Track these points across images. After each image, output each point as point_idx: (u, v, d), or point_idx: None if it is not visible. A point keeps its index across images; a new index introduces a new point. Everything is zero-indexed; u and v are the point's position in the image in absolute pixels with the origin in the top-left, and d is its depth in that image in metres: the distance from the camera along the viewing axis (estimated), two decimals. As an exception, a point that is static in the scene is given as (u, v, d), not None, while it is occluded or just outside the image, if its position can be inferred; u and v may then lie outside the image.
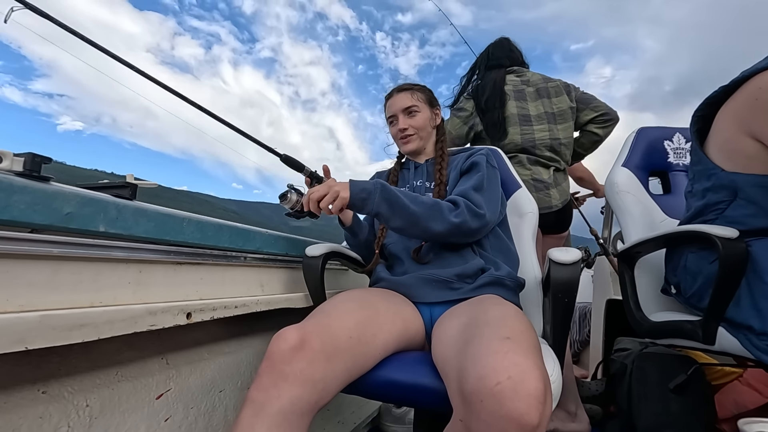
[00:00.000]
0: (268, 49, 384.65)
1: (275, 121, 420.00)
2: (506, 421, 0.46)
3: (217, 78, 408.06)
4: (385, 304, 0.80)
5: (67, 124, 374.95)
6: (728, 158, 0.78)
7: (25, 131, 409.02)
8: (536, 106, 1.49)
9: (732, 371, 1.09)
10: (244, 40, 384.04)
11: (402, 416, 1.34)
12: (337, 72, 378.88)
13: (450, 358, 0.61)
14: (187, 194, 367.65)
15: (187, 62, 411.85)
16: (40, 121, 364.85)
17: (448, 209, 0.85)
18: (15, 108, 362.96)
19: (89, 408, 0.57)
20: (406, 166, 1.13)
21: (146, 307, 0.56)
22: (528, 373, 0.48)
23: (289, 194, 0.95)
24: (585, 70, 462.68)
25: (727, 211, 0.79)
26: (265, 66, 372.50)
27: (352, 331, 0.67)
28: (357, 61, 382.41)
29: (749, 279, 0.72)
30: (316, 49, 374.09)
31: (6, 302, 0.45)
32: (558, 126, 1.47)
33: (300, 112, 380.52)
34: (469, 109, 1.52)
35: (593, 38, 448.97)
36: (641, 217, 1.17)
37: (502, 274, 0.87)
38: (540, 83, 1.52)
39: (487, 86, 1.50)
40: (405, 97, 1.07)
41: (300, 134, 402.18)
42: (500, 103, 1.46)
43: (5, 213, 0.44)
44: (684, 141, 1.27)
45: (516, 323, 0.61)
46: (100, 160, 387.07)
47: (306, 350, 0.60)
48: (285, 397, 0.56)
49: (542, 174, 1.42)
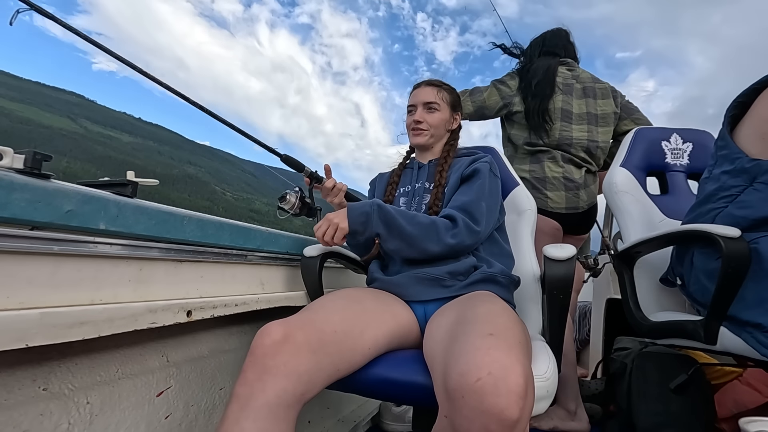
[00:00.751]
0: (306, 14, 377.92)
1: (303, 89, 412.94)
2: (487, 416, 0.46)
3: (252, 38, 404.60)
4: (374, 301, 0.80)
5: (101, 64, 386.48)
6: (763, 140, 0.77)
7: (62, 66, 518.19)
8: (580, 105, 1.47)
9: (732, 371, 1.09)
10: (284, 2, 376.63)
11: (402, 414, 1.35)
12: (372, 48, 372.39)
13: (437, 355, 0.61)
14: (209, 149, 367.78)
15: (225, 17, 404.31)
16: (77, 57, 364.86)
17: (444, 228, 0.85)
18: (54, 41, 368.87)
19: (90, 405, 0.57)
20: (410, 166, 1.13)
21: (146, 305, 0.57)
22: (509, 369, 0.49)
23: (288, 195, 0.96)
24: (627, 81, 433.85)
25: (742, 196, 0.79)
26: (301, 32, 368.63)
27: (338, 325, 0.67)
28: (394, 39, 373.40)
29: (756, 276, 0.72)
30: (354, 21, 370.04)
31: (6, 300, 0.45)
32: (599, 128, 1.46)
33: (329, 84, 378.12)
34: (512, 87, 1.49)
35: (641, 48, 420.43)
36: (640, 217, 1.17)
37: (494, 271, 0.87)
38: (588, 82, 1.50)
39: (539, 70, 1.46)
40: (430, 92, 1.07)
41: (326, 106, 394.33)
42: (550, 92, 1.43)
43: (6, 210, 0.44)
44: (681, 141, 1.27)
45: (502, 320, 0.62)
46: (130, 104, 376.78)
47: (289, 343, 0.60)
48: (270, 391, 0.56)
49: (574, 174, 1.41)
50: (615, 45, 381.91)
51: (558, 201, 1.39)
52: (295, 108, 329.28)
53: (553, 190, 1.39)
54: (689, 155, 1.26)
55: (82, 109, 21.68)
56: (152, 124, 20.51)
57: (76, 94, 22.17)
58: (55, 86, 21.33)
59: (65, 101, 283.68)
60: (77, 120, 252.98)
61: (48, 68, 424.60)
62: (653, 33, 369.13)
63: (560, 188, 1.39)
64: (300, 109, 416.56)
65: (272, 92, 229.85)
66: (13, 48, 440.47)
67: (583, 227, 1.49)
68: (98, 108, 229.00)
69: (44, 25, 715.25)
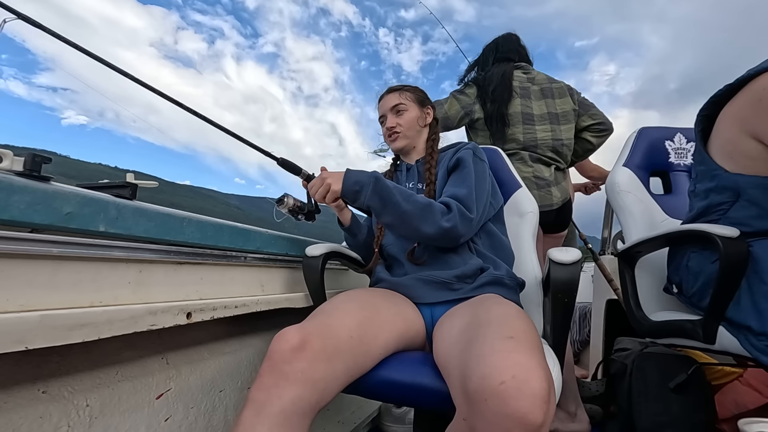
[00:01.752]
0: (270, 44, 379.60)
1: (278, 117, 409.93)
2: (510, 420, 0.46)
3: (220, 73, 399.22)
4: (386, 304, 0.80)
5: (71, 119, 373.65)
6: (730, 158, 0.77)
7: (30, 125, 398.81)
8: (540, 106, 1.48)
9: (732, 371, 1.09)
10: (247, 35, 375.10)
11: (402, 416, 1.34)
12: (340, 67, 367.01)
13: (452, 357, 0.60)
14: (190, 189, 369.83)
15: (191, 57, 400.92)
16: (44, 114, 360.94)
17: (440, 212, 0.84)
18: (20, 101, 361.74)
19: (89, 408, 0.57)
20: (399, 168, 1.13)
21: (146, 307, 0.56)
22: (532, 372, 0.48)
23: (286, 198, 0.97)
24: (589, 68, 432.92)
25: (730, 212, 0.79)
26: (268, 61, 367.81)
27: (353, 331, 0.67)
28: (360, 57, 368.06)
29: (750, 279, 0.72)
30: (318, 45, 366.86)
31: (6, 302, 0.45)
32: (561, 127, 1.47)
33: (303, 108, 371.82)
34: (470, 96, 1.51)
35: (597, 35, 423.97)
36: (642, 217, 1.17)
37: (501, 273, 0.87)
38: (545, 83, 1.52)
39: (495, 77, 1.49)
40: (393, 97, 1.09)
41: (302, 130, 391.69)
42: (508, 96, 1.45)
43: (5, 213, 0.44)
44: (685, 141, 1.27)
45: (518, 322, 0.61)
46: (104, 155, 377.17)
47: (307, 350, 0.60)
48: (286, 397, 0.56)
49: (543, 172, 1.42)
50: (572, 35, 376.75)
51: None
52: (272, 135, 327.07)
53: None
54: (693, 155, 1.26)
55: (56, 167, 21.69)
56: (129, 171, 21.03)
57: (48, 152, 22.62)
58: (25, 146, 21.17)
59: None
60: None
61: (14, 129, 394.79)
62: (606, 20, 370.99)
63: (532, 187, 1.39)
64: (277, 136, 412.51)
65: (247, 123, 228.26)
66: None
67: (559, 225, 1.49)
68: (72, 163, 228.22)
69: (6, 87, 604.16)
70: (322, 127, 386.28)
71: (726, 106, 0.78)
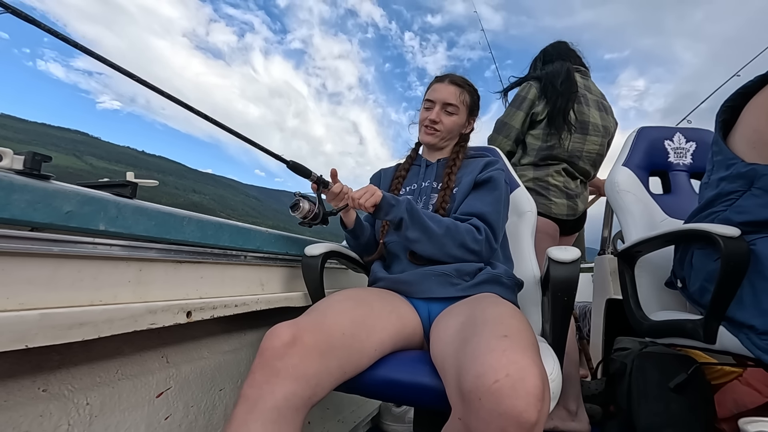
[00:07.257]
0: (298, 40, 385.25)
1: (301, 113, 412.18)
2: (505, 418, 0.46)
3: (247, 66, 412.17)
4: (381, 302, 0.80)
5: (106, 103, 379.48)
6: (753, 148, 0.77)
7: (66, 106, 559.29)
8: (595, 116, 1.47)
9: (732, 371, 1.09)
10: (276, 30, 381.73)
11: (402, 415, 1.35)
12: (365, 67, 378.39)
13: (448, 356, 0.61)
14: (212, 177, 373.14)
15: (220, 48, 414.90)
16: (80, 97, 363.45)
17: (467, 233, 0.87)
18: (58, 83, 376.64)
19: (89, 406, 0.57)
20: (417, 162, 1.11)
21: (146, 306, 0.57)
22: (526, 370, 0.48)
23: (301, 203, 0.92)
24: (617, 81, 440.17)
25: (739, 201, 0.79)
26: (294, 57, 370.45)
27: (346, 328, 0.67)
28: (385, 58, 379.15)
29: (752, 278, 0.72)
30: (345, 43, 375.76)
31: (6, 300, 0.45)
32: (606, 142, 1.51)
33: (326, 105, 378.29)
34: (531, 97, 1.45)
35: (628, 48, 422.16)
36: (641, 217, 1.17)
37: (499, 272, 0.88)
38: (600, 97, 1.53)
39: (560, 71, 1.42)
40: (452, 92, 1.04)
41: (324, 127, 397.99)
42: (576, 90, 1.41)
43: (5, 211, 0.44)
44: (684, 141, 1.27)
45: (514, 321, 0.61)
46: (133, 139, 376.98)
47: (298, 346, 0.60)
48: (278, 393, 0.56)
49: (571, 184, 1.46)
50: (602, 47, 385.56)
51: (561, 207, 1.44)
52: (295, 130, 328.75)
53: (557, 198, 1.43)
54: (692, 154, 1.26)
55: (87, 147, 21.88)
56: (156, 156, 20.56)
57: (81, 132, 22.02)
58: (60, 126, 21.39)
59: (71, 140, 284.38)
60: (82, 157, 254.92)
61: (53, 108, 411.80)
62: (638, 33, 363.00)
63: (562, 196, 1.43)
64: (299, 131, 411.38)
65: (271, 117, 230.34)
66: (18, 90, 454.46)
67: (576, 228, 1.56)
68: (102, 144, 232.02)
69: (47, 69, 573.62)
70: (344, 125, 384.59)
71: (755, 97, 0.78)
